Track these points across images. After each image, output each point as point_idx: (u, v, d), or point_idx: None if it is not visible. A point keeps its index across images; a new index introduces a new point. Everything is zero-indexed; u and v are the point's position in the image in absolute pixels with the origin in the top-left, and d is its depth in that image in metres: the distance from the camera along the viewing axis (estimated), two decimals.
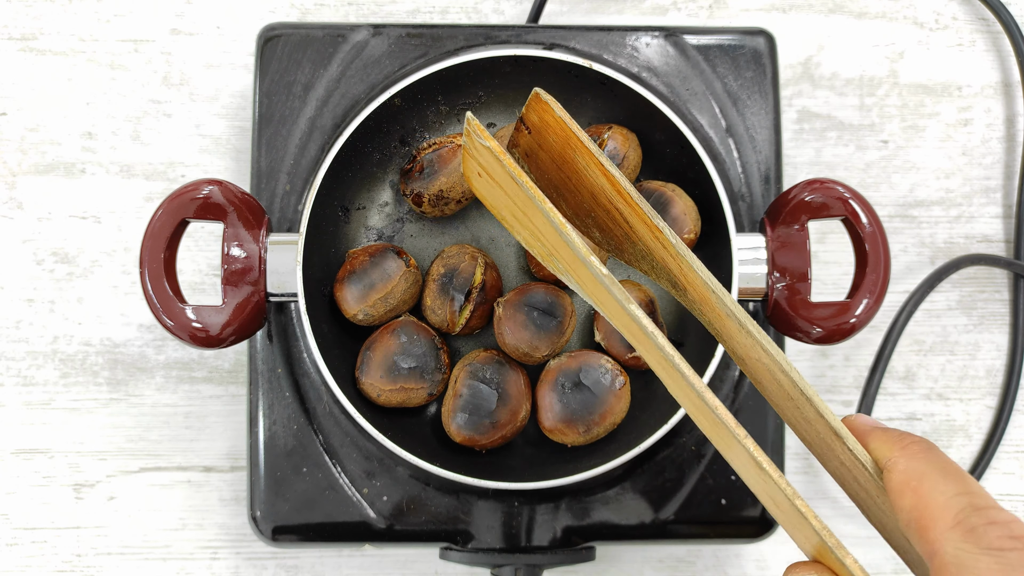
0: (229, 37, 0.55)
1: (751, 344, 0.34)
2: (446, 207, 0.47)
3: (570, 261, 0.35)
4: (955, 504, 0.26)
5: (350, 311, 0.46)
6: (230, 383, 0.54)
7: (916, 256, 0.55)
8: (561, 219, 0.34)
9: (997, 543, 0.25)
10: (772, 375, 0.34)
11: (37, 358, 0.53)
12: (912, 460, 0.29)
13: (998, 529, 0.25)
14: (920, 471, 0.28)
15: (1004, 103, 0.56)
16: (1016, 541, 0.25)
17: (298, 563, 0.53)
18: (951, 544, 0.26)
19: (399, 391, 0.46)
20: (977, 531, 0.25)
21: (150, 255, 0.43)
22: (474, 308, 0.46)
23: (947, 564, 0.25)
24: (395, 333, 0.46)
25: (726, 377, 0.49)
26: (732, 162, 0.50)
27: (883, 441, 0.30)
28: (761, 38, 0.51)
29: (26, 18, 0.55)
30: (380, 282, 0.45)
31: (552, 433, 0.46)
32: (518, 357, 0.47)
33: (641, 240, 0.38)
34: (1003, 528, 0.25)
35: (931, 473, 0.28)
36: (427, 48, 0.50)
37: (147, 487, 0.53)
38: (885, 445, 0.30)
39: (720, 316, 0.35)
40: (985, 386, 0.55)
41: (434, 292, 0.47)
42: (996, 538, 0.25)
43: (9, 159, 0.54)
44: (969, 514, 0.26)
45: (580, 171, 0.38)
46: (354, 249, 0.47)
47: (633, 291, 0.47)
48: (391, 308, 0.46)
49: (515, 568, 0.46)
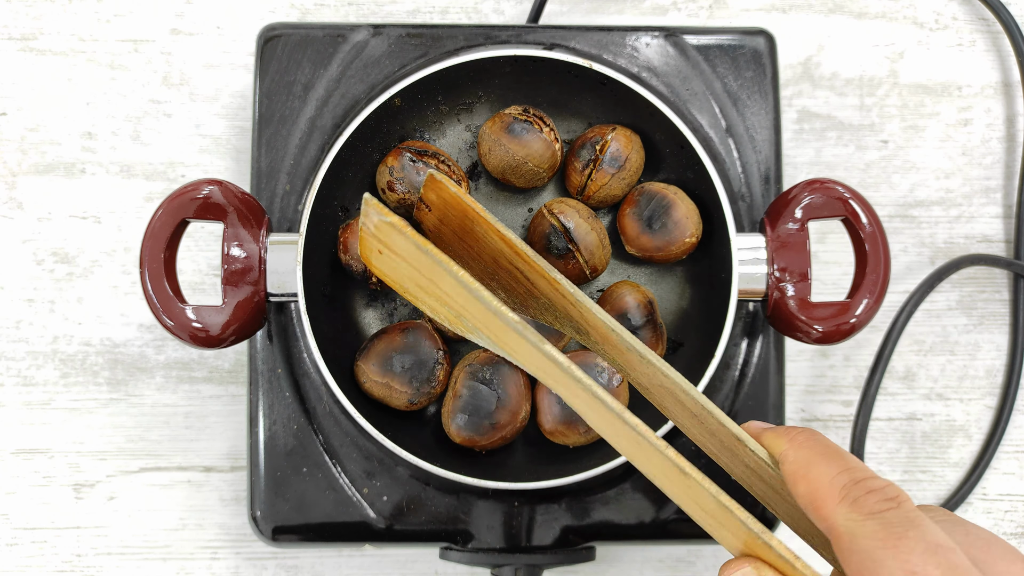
0: (229, 37, 0.55)
1: (652, 372, 0.36)
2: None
3: (480, 316, 0.36)
4: (839, 481, 0.30)
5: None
6: (230, 383, 0.54)
7: (916, 256, 0.56)
8: (468, 277, 0.35)
9: (877, 507, 0.28)
10: (675, 397, 0.36)
11: (37, 358, 0.53)
12: (800, 450, 0.32)
13: (876, 496, 0.29)
14: (807, 459, 0.31)
15: (1004, 103, 0.56)
16: (891, 502, 0.28)
17: (298, 563, 0.53)
18: (841, 516, 0.29)
19: (384, 386, 0.46)
20: (859, 501, 0.29)
21: (150, 255, 0.43)
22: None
23: (841, 535, 0.29)
24: (404, 332, 0.46)
25: (726, 377, 0.49)
26: (732, 162, 0.50)
27: (774, 438, 0.33)
28: (761, 38, 0.51)
29: (26, 18, 0.55)
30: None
31: (553, 435, 0.46)
32: None
33: (543, 294, 0.40)
34: (879, 494, 0.29)
35: (816, 459, 0.31)
36: (427, 48, 0.50)
37: (147, 487, 0.53)
38: (776, 441, 0.33)
39: (622, 351, 0.37)
40: (985, 386, 0.55)
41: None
42: (875, 503, 0.28)
43: (9, 159, 0.54)
44: (851, 488, 0.29)
45: (480, 238, 0.40)
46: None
47: (632, 292, 0.47)
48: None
49: (515, 568, 0.46)
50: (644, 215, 0.47)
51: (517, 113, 0.47)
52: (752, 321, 0.49)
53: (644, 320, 0.46)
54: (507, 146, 0.47)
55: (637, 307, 0.46)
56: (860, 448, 0.52)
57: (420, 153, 0.47)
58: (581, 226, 0.46)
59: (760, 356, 0.49)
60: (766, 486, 0.35)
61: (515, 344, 0.35)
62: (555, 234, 0.46)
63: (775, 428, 0.34)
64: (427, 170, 0.46)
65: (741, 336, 0.49)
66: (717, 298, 0.46)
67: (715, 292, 0.47)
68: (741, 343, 0.49)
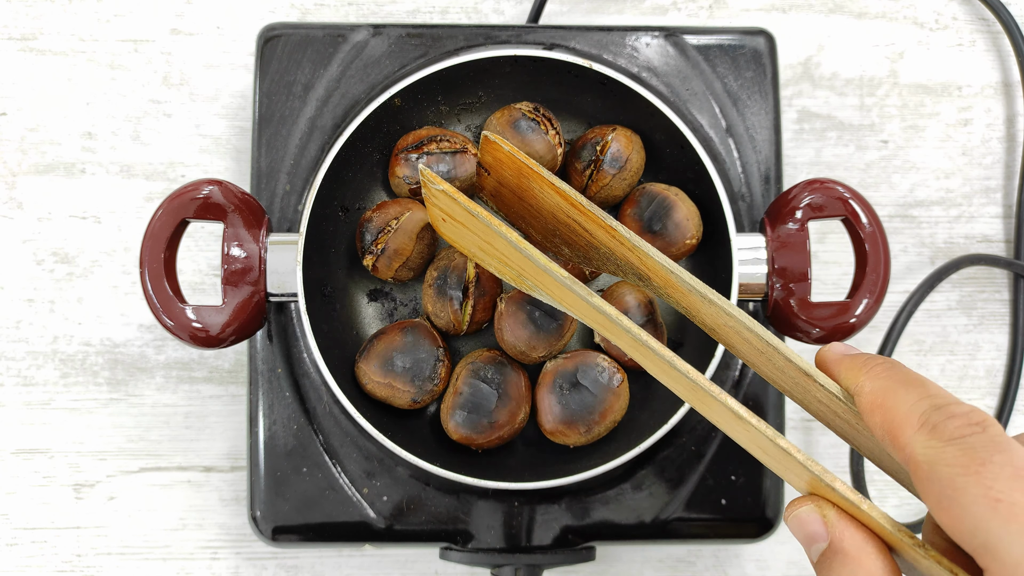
0: (229, 37, 0.55)
1: (716, 312, 0.36)
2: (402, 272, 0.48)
3: (536, 274, 0.38)
4: (918, 408, 0.28)
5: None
6: (230, 383, 0.54)
7: (916, 256, 0.56)
8: (517, 236, 0.37)
9: (958, 432, 0.26)
10: (740, 335, 0.35)
11: (37, 358, 0.53)
12: (876, 380, 0.30)
13: (958, 420, 0.27)
14: (884, 387, 0.29)
15: (1004, 103, 0.56)
16: (975, 427, 0.26)
17: (298, 563, 0.53)
18: (920, 444, 0.27)
19: (386, 386, 0.46)
20: (939, 427, 0.27)
21: (150, 255, 0.43)
22: (475, 303, 0.46)
23: (920, 464, 0.27)
24: (404, 331, 0.46)
25: (727, 377, 0.49)
26: (732, 162, 0.50)
27: (850, 369, 0.32)
28: (761, 38, 0.51)
29: (26, 18, 0.55)
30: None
31: (554, 435, 0.46)
32: (515, 356, 0.47)
33: (602, 243, 0.40)
34: (962, 419, 0.27)
35: (894, 387, 0.29)
36: (427, 48, 0.50)
37: (147, 487, 0.53)
38: (852, 372, 0.32)
39: (684, 293, 0.37)
40: (985, 386, 0.55)
41: (433, 297, 0.47)
42: (956, 427, 0.26)
43: (9, 159, 0.54)
44: (931, 413, 0.27)
45: (537, 195, 0.41)
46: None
47: (632, 292, 0.47)
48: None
49: (515, 568, 0.46)
50: (645, 216, 0.47)
51: (527, 110, 0.47)
52: None
53: (644, 319, 0.46)
54: (509, 140, 0.47)
55: (637, 306, 0.46)
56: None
57: (417, 147, 0.47)
58: None
59: None
60: (843, 421, 0.34)
61: (568, 298, 0.37)
62: None
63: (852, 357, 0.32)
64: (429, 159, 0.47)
65: None
66: None
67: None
68: None
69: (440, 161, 0.47)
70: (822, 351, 0.34)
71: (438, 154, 0.47)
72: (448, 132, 0.48)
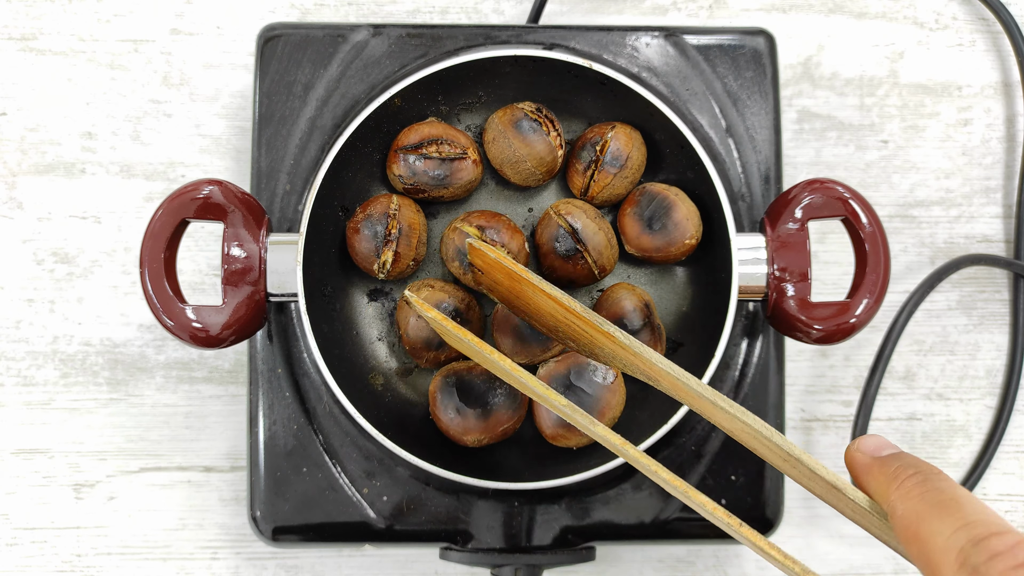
0: (229, 37, 0.55)
1: (730, 418, 0.35)
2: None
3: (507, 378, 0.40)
4: (955, 543, 0.25)
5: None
6: (230, 383, 0.54)
7: (916, 256, 0.55)
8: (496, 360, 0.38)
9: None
10: (760, 441, 0.34)
11: (37, 358, 0.53)
12: (907, 501, 0.28)
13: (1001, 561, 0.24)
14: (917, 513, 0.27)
15: (1004, 103, 0.56)
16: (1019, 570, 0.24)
17: (298, 563, 0.53)
18: None
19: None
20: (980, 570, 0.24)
21: (150, 255, 0.43)
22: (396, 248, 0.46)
23: None
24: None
25: (726, 377, 0.49)
26: (732, 162, 0.50)
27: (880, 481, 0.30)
28: (761, 38, 0.51)
29: (26, 18, 0.55)
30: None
31: (555, 439, 0.46)
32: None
33: (605, 345, 0.39)
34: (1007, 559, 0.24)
35: (927, 513, 0.27)
36: (427, 48, 0.50)
37: (147, 487, 0.53)
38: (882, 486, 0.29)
39: (694, 398, 0.36)
40: (985, 386, 0.55)
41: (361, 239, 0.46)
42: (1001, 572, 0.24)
43: (9, 159, 0.54)
44: (970, 552, 0.25)
45: (531, 298, 0.41)
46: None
47: (629, 295, 0.47)
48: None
49: (515, 568, 0.46)
50: (644, 215, 0.47)
51: (529, 110, 0.47)
52: (752, 321, 0.49)
53: (642, 323, 0.46)
54: (510, 140, 0.47)
55: (634, 311, 0.46)
56: None
57: (416, 147, 0.47)
58: (589, 226, 0.46)
59: (760, 356, 0.49)
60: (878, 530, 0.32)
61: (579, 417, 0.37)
62: (563, 235, 0.46)
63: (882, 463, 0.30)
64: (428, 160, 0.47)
65: (741, 336, 0.49)
66: (717, 298, 0.46)
67: (715, 292, 0.47)
68: (741, 343, 0.49)
69: (437, 167, 0.47)
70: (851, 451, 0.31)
71: (436, 159, 0.47)
72: (451, 132, 0.48)
